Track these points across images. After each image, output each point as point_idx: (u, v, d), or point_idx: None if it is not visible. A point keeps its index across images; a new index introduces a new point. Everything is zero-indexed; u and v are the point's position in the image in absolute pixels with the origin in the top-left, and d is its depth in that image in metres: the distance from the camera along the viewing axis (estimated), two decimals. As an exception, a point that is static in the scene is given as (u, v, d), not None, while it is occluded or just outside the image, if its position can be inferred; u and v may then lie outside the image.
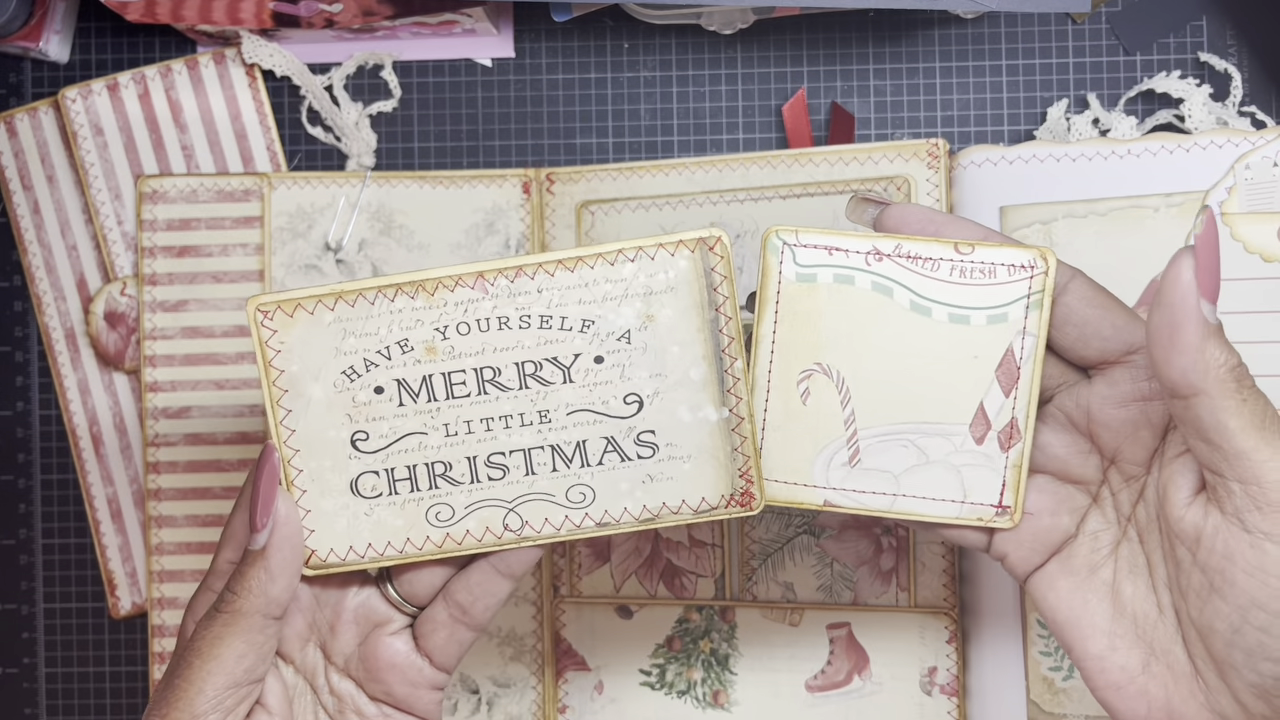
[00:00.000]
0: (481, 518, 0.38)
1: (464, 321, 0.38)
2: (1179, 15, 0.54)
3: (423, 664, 0.40)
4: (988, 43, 0.55)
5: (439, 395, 0.38)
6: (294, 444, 0.38)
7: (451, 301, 0.37)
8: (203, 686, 0.35)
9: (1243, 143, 0.49)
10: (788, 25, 0.55)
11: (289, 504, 0.37)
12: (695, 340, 0.37)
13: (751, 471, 0.38)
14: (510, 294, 0.37)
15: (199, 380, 0.56)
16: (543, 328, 0.37)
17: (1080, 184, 0.51)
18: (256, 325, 0.38)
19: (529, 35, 0.56)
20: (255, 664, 0.36)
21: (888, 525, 0.52)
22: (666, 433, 0.38)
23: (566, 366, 0.38)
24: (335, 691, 0.40)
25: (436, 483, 0.38)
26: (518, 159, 0.56)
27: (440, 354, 0.38)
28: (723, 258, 0.37)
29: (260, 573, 0.36)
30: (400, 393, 0.38)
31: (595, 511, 0.38)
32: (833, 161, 0.52)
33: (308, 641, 0.40)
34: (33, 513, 0.58)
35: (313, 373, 0.38)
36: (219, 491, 0.56)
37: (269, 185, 0.55)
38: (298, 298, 0.37)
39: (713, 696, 0.53)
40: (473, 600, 0.39)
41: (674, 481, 0.38)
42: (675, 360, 0.38)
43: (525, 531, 0.38)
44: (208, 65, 0.57)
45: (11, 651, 0.58)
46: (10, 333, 0.58)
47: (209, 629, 0.36)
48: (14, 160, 0.57)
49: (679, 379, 0.38)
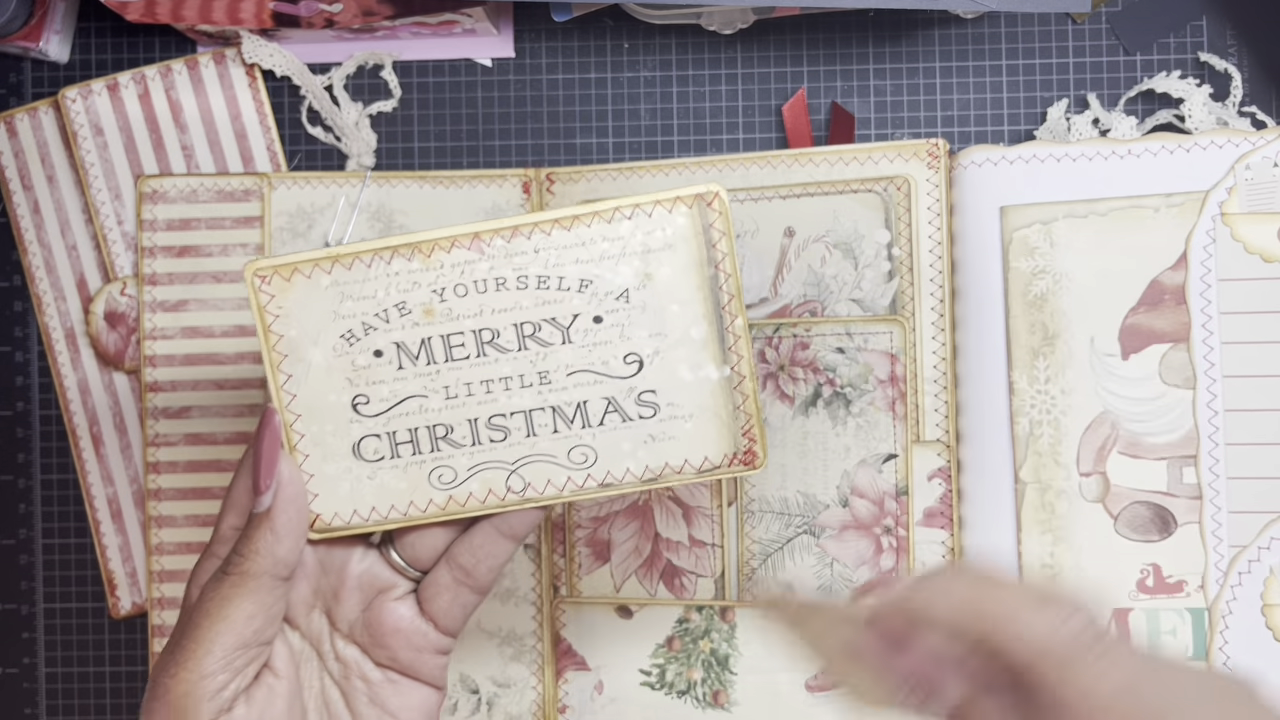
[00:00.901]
0: (484, 479, 0.38)
1: (461, 283, 0.37)
2: (1179, 15, 0.54)
3: (427, 628, 0.40)
4: (988, 43, 0.55)
5: (438, 358, 0.38)
6: (295, 408, 0.38)
7: (448, 263, 0.37)
8: (211, 646, 0.35)
9: (1243, 143, 0.49)
10: (788, 25, 0.55)
11: (292, 466, 0.37)
12: (695, 298, 0.37)
13: (754, 430, 0.38)
14: (507, 254, 0.37)
15: (199, 380, 0.56)
16: (540, 288, 0.37)
17: (1080, 184, 0.51)
18: (254, 290, 0.37)
19: (529, 35, 0.56)
20: (264, 626, 0.36)
21: (888, 525, 0.52)
22: (667, 392, 0.38)
23: (565, 327, 0.38)
24: (340, 657, 0.40)
25: (438, 445, 0.38)
26: (518, 159, 0.56)
27: (438, 316, 0.38)
28: (721, 214, 0.37)
29: (266, 534, 0.36)
30: (399, 356, 0.38)
31: (597, 472, 0.38)
32: (833, 161, 0.52)
33: (313, 608, 0.40)
34: (33, 513, 0.58)
35: (312, 337, 0.38)
36: (219, 491, 0.55)
37: (269, 185, 0.55)
38: (294, 262, 0.37)
39: (713, 696, 0.53)
40: (475, 562, 0.39)
41: (676, 441, 0.38)
42: (675, 319, 0.37)
43: (528, 493, 0.38)
44: (208, 65, 0.57)
45: (11, 651, 0.58)
46: (10, 333, 0.58)
47: (217, 590, 0.36)
48: (14, 160, 0.57)
49: (679, 338, 0.37)
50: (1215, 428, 0.49)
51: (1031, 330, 0.51)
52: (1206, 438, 0.49)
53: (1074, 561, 0.50)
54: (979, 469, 0.51)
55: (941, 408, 0.51)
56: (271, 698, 0.37)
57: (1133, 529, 0.50)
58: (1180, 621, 0.50)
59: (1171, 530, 0.50)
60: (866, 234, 0.52)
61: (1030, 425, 0.50)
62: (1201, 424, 0.49)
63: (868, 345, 0.52)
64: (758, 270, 0.53)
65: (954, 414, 0.52)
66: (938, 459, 0.52)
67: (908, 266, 0.52)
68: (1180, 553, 0.49)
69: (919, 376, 0.52)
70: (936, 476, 0.52)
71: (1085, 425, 0.50)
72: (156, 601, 0.55)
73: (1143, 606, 0.50)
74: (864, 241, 0.52)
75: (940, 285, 0.52)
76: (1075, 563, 0.50)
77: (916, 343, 0.52)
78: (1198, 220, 0.50)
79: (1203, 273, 0.50)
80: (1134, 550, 0.50)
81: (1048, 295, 0.51)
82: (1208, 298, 0.49)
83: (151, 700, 0.35)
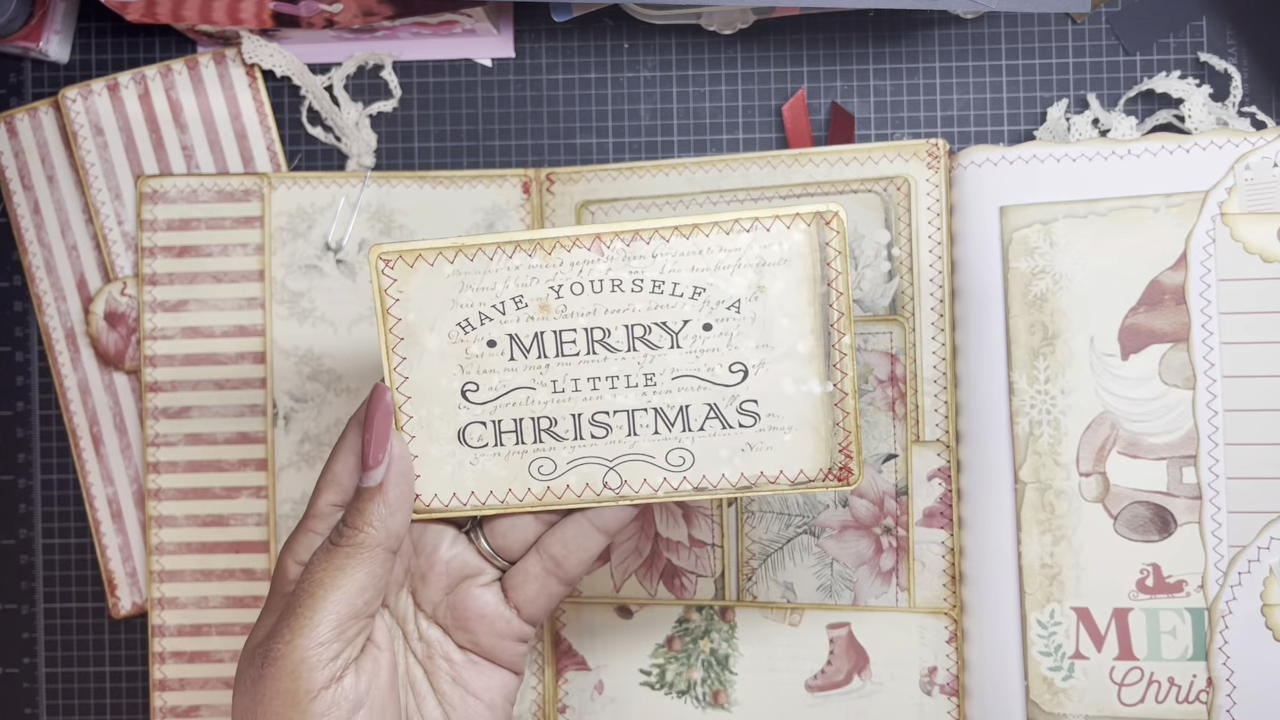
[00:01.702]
0: (582, 474, 0.39)
1: (578, 281, 0.38)
2: (1179, 15, 0.54)
3: (511, 615, 0.41)
4: (988, 43, 0.55)
5: (549, 352, 0.39)
6: (405, 390, 0.39)
7: (568, 261, 0.38)
8: (325, 615, 0.36)
9: (1243, 143, 0.49)
10: (788, 25, 0.55)
11: (402, 443, 0.38)
12: (805, 313, 0.38)
13: (851, 447, 0.38)
14: (625, 257, 0.38)
15: (199, 380, 0.56)
16: (654, 292, 0.38)
17: (1080, 184, 0.51)
18: (377, 273, 0.38)
19: (529, 35, 0.56)
20: (373, 597, 0.37)
21: (888, 525, 0.52)
22: (769, 403, 0.38)
23: (675, 332, 0.38)
24: (424, 637, 0.41)
25: (541, 437, 0.39)
26: (518, 159, 0.56)
27: (553, 312, 0.38)
28: (838, 233, 0.38)
29: (380, 507, 0.37)
30: (512, 347, 0.39)
31: (694, 475, 0.39)
32: (833, 161, 0.52)
33: (402, 587, 0.41)
34: (33, 513, 0.58)
35: (429, 323, 0.39)
36: (219, 491, 0.56)
37: (269, 185, 0.55)
38: (419, 249, 0.38)
39: (713, 696, 0.53)
40: (567, 554, 0.40)
41: (773, 451, 0.39)
42: (783, 332, 0.38)
43: (624, 490, 0.39)
44: (208, 65, 0.57)
45: (11, 651, 0.58)
46: (10, 333, 0.58)
47: (330, 561, 0.37)
48: (14, 160, 0.57)
49: (785, 351, 0.38)
50: (1215, 428, 0.49)
51: (1031, 330, 0.51)
52: (1206, 438, 0.49)
53: (1074, 561, 0.50)
54: (979, 469, 0.51)
55: (941, 408, 0.51)
56: (377, 669, 0.38)
57: (1132, 529, 0.50)
58: (1180, 621, 0.50)
59: (1171, 530, 0.50)
60: (866, 234, 0.52)
61: (1030, 425, 0.50)
62: (1201, 424, 0.49)
63: (868, 345, 0.52)
64: (758, 270, 0.53)
65: (954, 414, 0.52)
66: (938, 459, 0.52)
67: (908, 266, 0.52)
68: (1180, 553, 0.49)
69: (919, 376, 0.52)
70: (936, 476, 0.52)
71: (1085, 425, 0.50)
72: (156, 601, 0.55)
73: (1142, 606, 0.50)
74: (864, 241, 0.52)
75: (940, 285, 0.52)
76: (1075, 563, 0.50)
77: (916, 343, 0.52)
78: (1197, 220, 0.50)
79: (1202, 273, 0.50)
80: (1134, 550, 0.50)
81: (1048, 295, 0.51)
82: (1207, 298, 0.49)
83: (265, 667, 0.36)
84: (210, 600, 0.56)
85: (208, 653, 0.56)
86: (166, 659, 0.56)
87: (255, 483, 0.55)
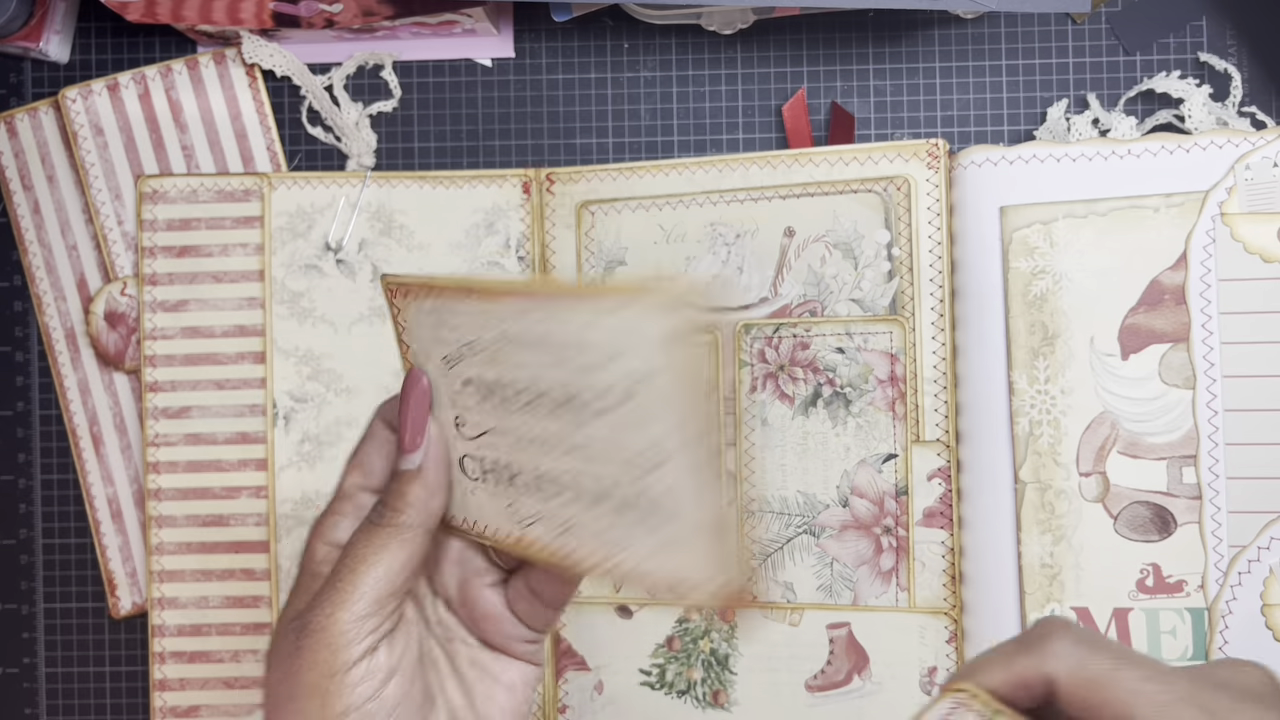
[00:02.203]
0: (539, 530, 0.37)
1: (520, 332, 0.35)
2: (1179, 15, 0.54)
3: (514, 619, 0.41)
4: (988, 43, 0.55)
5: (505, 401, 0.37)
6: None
7: (509, 312, 0.35)
8: (366, 591, 0.37)
9: (1243, 143, 0.49)
10: (788, 25, 0.55)
11: (438, 426, 0.39)
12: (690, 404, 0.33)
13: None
14: (557, 312, 0.34)
15: (199, 380, 0.56)
16: (580, 354, 0.34)
17: (1080, 184, 0.51)
18: (389, 300, 0.38)
19: (529, 35, 0.56)
20: (410, 577, 0.38)
21: (888, 525, 0.52)
22: (675, 496, 0.34)
23: (595, 400, 0.34)
24: (443, 622, 0.41)
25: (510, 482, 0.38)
26: (518, 159, 0.56)
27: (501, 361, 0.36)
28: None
29: (419, 489, 0.38)
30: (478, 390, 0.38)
31: (627, 560, 0.35)
32: (833, 161, 0.52)
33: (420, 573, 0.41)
34: (33, 513, 0.58)
35: (426, 353, 0.38)
36: (219, 491, 0.56)
37: (269, 185, 0.55)
38: (409, 282, 0.38)
39: (713, 696, 0.53)
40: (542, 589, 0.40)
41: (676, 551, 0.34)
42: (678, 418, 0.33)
43: (575, 556, 0.36)
44: (208, 65, 0.57)
45: (11, 651, 0.58)
46: (10, 333, 0.58)
47: (371, 539, 0.37)
48: (14, 160, 0.57)
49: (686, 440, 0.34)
50: (1215, 428, 0.49)
51: (1031, 330, 0.51)
52: (1206, 438, 0.49)
53: (1074, 561, 0.50)
54: (979, 469, 0.51)
55: (941, 408, 0.51)
56: (407, 644, 0.38)
57: (1132, 529, 0.50)
58: (1180, 621, 0.50)
59: (1171, 530, 0.50)
60: (866, 234, 0.52)
61: (1030, 425, 0.50)
62: (1201, 424, 0.49)
63: (868, 345, 0.52)
64: (758, 270, 0.53)
65: (954, 414, 0.52)
66: (937, 459, 0.52)
67: (908, 266, 0.52)
68: (1180, 553, 0.49)
69: (919, 376, 0.52)
70: (936, 476, 0.52)
71: (1085, 425, 0.50)
72: (156, 601, 0.55)
73: (1142, 606, 0.50)
74: (864, 241, 0.52)
75: (940, 285, 0.52)
76: (1075, 563, 0.50)
77: (916, 343, 0.52)
78: (1197, 220, 0.50)
79: (1202, 273, 0.50)
80: (1134, 550, 0.50)
81: (1048, 295, 0.51)
82: (1207, 298, 0.49)
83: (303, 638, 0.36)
84: (210, 600, 0.56)
85: (208, 653, 0.56)
86: (166, 659, 0.56)
87: (255, 483, 0.55)
